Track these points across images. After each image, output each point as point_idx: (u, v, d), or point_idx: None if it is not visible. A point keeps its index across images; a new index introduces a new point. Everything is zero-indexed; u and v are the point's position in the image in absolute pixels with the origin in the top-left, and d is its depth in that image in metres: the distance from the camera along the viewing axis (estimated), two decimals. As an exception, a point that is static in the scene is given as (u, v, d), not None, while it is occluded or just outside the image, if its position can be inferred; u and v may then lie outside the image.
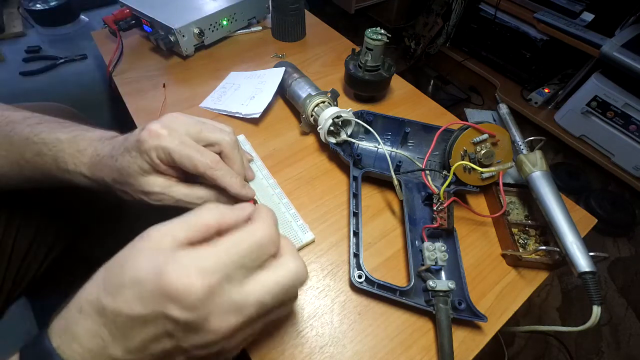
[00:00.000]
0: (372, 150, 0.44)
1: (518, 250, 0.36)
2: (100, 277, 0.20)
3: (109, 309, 0.19)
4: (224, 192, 0.34)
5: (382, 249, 0.36)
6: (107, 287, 0.19)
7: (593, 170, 1.23)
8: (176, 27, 0.53)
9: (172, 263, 0.18)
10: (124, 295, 0.19)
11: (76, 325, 0.19)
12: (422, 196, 0.39)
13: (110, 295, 0.19)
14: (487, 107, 1.47)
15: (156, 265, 0.19)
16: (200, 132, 0.31)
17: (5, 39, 0.80)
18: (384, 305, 0.32)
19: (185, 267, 0.18)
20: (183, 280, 0.18)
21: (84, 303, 0.20)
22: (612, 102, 1.09)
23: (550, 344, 0.86)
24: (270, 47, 0.63)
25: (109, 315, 0.19)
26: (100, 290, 0.19)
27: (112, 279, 0.20)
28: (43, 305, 0.47)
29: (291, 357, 0.29)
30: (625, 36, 1.05)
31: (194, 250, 0.20)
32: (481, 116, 0.48)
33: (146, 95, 0.51)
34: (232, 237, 0.21)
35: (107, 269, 0.20)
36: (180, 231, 0.21)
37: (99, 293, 0.19)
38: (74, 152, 0.31)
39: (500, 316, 0.32)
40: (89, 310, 0.19)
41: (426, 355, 0.30)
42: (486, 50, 1.46)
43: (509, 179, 0.42)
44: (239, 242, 0.20)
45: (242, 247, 0.20)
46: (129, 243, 0.21)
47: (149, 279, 0.18)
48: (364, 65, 0.48)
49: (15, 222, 0.41)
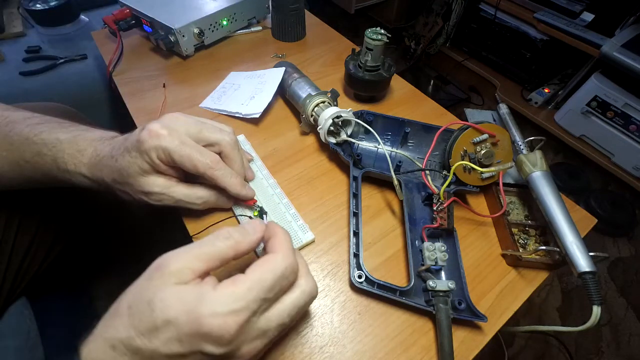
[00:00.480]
0: (372, 150, 0.44)
1: (518, 250, 0.36)
2: (126, 315, 0.20)
3: (146, 350, 0.20)
4: (224, 192, 0.34)
5: (382, 249, 0.36)
6: (138, 328, 0.20)
7: (593, 170, 1.23)
8: (176, 27, 0.53)
9: (204, 306, 0.20)
10: (159, 337, 0.20)
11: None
12: (422, 196, 0.39)
13: (143, 336, 0.20)
14: (487, 107, 1.47)
15: (188, 307, 0.20)
16: (200, 132, 0.31)
17: (5, 39, 0.80)
18: (384, 305, 0.32)
19: (219, 311, 0.20)
20: (219, 323, 0.20)
21: (116, 342, 0.20)
22: (612, 102, 1.09)
23: (550, 344, 0.86)
24: (270, 47, 0.63)
25: (146, 354, 0.20)
26: (130, 330, 0.20)
27: (143, 320, 0.20)
28: (43, 305, 0.47)
29: (291, 357, 0.29)
30: (625, 36, 1.05)
31: (222, 289, 0.21)
32: (481, 116, 0.48)
33: (146, 95, 0.51)
34: (256, 274, 0.22)
35: (131, 307, 0.21)
36: (198, 263, 0.22)
37: (131, 334, 0.20)
38: (73, 153, 0.31)
39: (500, 316, 0.32)
40: (123, 349, 0.20)
41: (426, 355, 0.30)
42: (486, 50, 1.46)
43: (509, 179, 0.42)
44: (263, 279, 0.22)
45: (267, 283, 0.22)
46: (145, 272, 0.22)
47: (183, 322, 0.19)
48: (364, 65, 0.48)
49: (16, 222, 0.41)
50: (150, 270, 0.22)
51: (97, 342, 0.20)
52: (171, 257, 0.22)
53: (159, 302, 0.20)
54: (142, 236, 0.72)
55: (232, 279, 0.22)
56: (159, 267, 0.21)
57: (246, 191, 0.34)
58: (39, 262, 0.44)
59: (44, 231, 0.45)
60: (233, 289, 0.21)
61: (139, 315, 0.20)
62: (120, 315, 0.21)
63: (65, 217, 0.48)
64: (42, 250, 0.45)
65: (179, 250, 0.22)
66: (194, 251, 0.22)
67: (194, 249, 0.22)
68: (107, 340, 0.20)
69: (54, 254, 0.47)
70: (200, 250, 0.22)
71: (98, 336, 0.21)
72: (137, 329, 0.20)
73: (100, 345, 0.20)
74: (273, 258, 0.23)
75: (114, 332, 0.20)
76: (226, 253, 0.23)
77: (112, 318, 0.21)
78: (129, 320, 0.20)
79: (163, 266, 0.21)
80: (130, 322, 0.20)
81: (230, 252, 0.23)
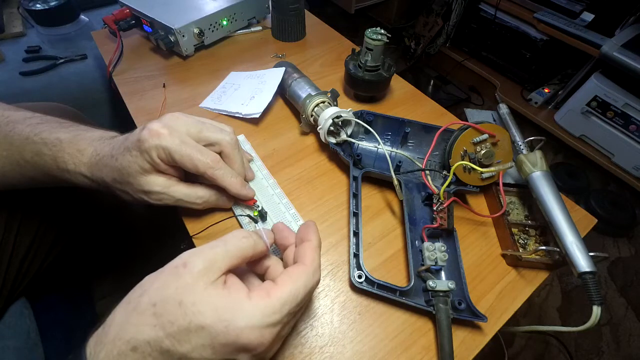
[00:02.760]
0: (372, 150, 0.44)
1: (518, 250, 0.36)
2: (151, 314, 0.20)
3: (175, 352, 0.19)
4: (224, 191, 0.34)
5: (382, 249, 0.36)
6: (168, 330, 0.19)
7: (593, 170, 1.23)
8: (176, 27, 0.53)
9: (241, 318, 0.20)
10: (191, 342, 0.19)
11: None
12: (422, 196, 0.39)
13: (174, 339, 0.19)
14: (487, 107, 1.47)
15: (224, 317, 0.20)
16: (201, 132, 0.31)
17: (5, 39, 0.80)
18: (384, 305, 0.32)
19: (257, 324, 0.20)
20: (256, 337, 0.20)
21: (140, 343, 0.19)
22: (612, 102, 1.09)
23: (550, 344, 0.86)
24: (270, 47, 0.63)
25: (175, 356, 0.19)
26: (159, 331, 0.19)
27: (174, 322, 0.19)
28: (43, 305, 0.47)
29: (291, 357, 0.29)
30: (625, 36, 1.05)
31: (258, 301, 0.21)
32: (481, 116, 0.48)
33: (146, 95, 0.51)
34: (290, 287, 0.22)
35: (156, 305, 0.20)
36: (224, 261, 0.22)
37: (159, 335, 0.19)
38: (73, 152, 0.31)
39: (500, 316, 0.32)
40: (149, 350, 0.19)
41: (426, 355, 0.30)
42: (486, 50, 1.46)
43: (509, 179, 0.42)
44: (296, 295, 0.22)
45: (299, 299, 0.22)
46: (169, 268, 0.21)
47: (219, 331, 0.19)
48: (364, 65, 0.48)
49: (16, 223, 0.41)
50: (175, 267, 0.21)
51: (113, 345, 0.19)
52: (197, 255, 0.22)
53: (192, 306, 0.20)
54: (142, 236, 0.72)
55: (266, 291, 0.22)
56: (185, 265, 0.21)
57: (246, 191, 0.34)
58: (39, 262, 0.44)
59: (45, 231, 0.45)
60: (269, 302, 0.21)
61: (168, 315, 0.19)
62: (141, 313, 0.20)
63: (66, 217, 0.48)
64: (43, 250, 0.45)
65: (203, 248, 0.22)
66: (217, 250, 0.22)
67: (217, 247, 0.22)
68: (127, 342, 0.19)
69: (54, 254, 0.47)
70: (224, 249, 0.22)
71: (113, 337, 0.19)
72: (165, 329, 0.19)
73: (118, 347, 0.19)
74: (305, 272, 0.24)
75: (135, 331, 0.19)
76: (247, 252, 0.23)
77: (129, 316, 0.20)
78: (155, 320, 0.19)
79: (190, 264, 0.21)
80: (157, 321, 0.19)
81: (250, 252, 0.24)
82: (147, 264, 0.22)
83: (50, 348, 0.43)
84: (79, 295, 0.65)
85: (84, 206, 0.51)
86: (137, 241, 0.72)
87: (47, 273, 0.46)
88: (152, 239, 0.72)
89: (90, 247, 0.61)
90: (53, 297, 0.54)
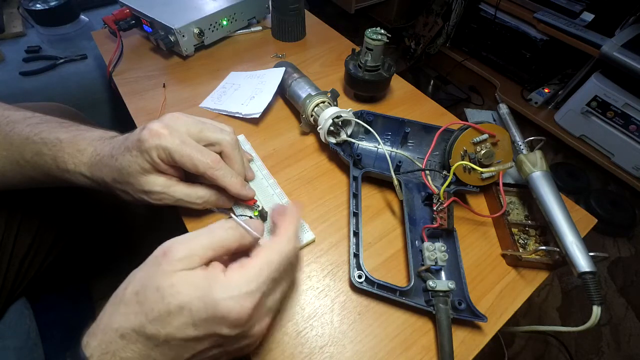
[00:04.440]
0: (372, 150, 0.44)
1: (518, 250, 0.36)
2: (134, 302, 0.20)
3: (160, 335, 0.20)
4: (224, 191, 0.34)
5: (382, 249, 0.36)
6: (150, 315, 0.20)
7: (593, 170, 1.23)
8: (176, 27, 0.53)
9: (217, 290, 0.20)
10: (173, 323, 0.20)
11: (124, 350, 0.20)
12: (422, 196, 0.39)
13: (157, 323, 0.20)
14: (487, 107, 1.47)
15: (201, 292, 0.20)
16: (201, 132, 0.31)
17: (5, 39, 0.80)
18: (384, 305, 0.32)
19: (234, 294, 0.20)
20: (234, 306, 0.20)
21: (126, 331, 0.20)
22: (612, 102, 1.09)
23: (550, 344, 0.86)
24: (270, 47, 0.63)
25: (161, 339, 0.20)
26: (141, 317, 0.20)
27: (154, 307, 0.20)
28: (43, 305, 0.47)
29: (291, 357, 0.29)
30: (625, 36, 1.05)
31: (232, 273, 0.21)
32: (481, 116, 0.48)
33: (146, 95, 0.51)
34: (263, 257, 0.23)
35: (139, 294, 0.21)
36: (205, 251, 0.22)
37: (142, 322, 0.20)
38: (73, 152, 0.31)
39: (500, 316, 0.32)
40: (135, 336, 0.20)
41: (426, 355, 0.30)
42: (486, 50, 1.46)
43: (509, 179, 0.42)
44: (270, 261, 0.22)
45: (274, 265, 0.22)
46: (150, 258, 0.22)
47: (197, 307, 0.20)
48: (364, 65, 0.48)
49: (16, 223, 0.41)
50: (156, 257, 0.22)
51: (104, 334, 0.20)
52: (178, 244, 0.22)
53: (169, 288, 0.20)
54: (142, 236, 0.72)
55: (239, 263, 0.22)
56: (165, 254, 0.21)
57: (246, 191, 0.34)
58: (39, 262, 0.44)
59: (45, 231, 0.45)
60: (244, 272, 0.21)
61: (149, 302, 0.20)
62: (126, 303, 0.21)
63: (66, 217, 0.48)
64: (43, 250, 0.45)
65: (186, 237, 0.22)
66: (201, 239, 0.22)
67: (201, 236, 0.22)
68: (115, 331, 0.20)
69: (54, 254, 0.47)
70: (208, 239, 0.23)
71: (103, 327, 0.20)
72: (147, 316, 0.20)
73: (108, 335, 0.20)
74: (277, 241, 0.24)
75: (122, 320, 0.20)
76: (232, 243, 0.23)
77: (116, 307, 0.21)
78: (138, 308, 0.20)
79: (170, 252, 0.21)
80: (140, 309, 0.20)
81: (235, 244, 0.24)
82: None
83: (50, 348, 0.43)
84: (79, 295, 0.65)
85: (84, 206, 0.51)
86: (137, 241, 0.72)
87: (47, 273, 0.46)
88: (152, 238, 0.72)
89: (90, 247, 0.61)
90: (53, 297, 0.54)
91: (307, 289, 0.33)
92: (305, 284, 0.34)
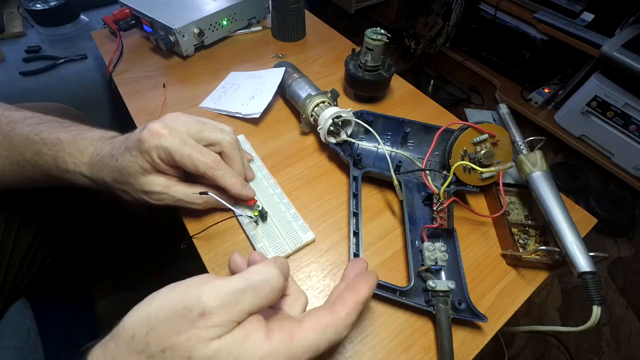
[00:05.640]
0: (372, 150, 0.44)
1: (518, 250, 0.36)
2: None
3: None
4: (224, 192, 0.34)
5: (382, 249, 0.36)
6: None
7: (593, 170, 1.23)
8: (176, 27, 0.53)
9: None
10: None
11: None
12: (422, 196, 0.39)
13: None
14: (487, 107, 1.47)
15: None
16: (201, 132, 0.31)
17: (5, 39, 0.80)
18: (384, 305, 0.32)
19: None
20: None
21: None
22: (612, 102, 1.09)
23: (550, 344, 0.86)
24: (270, 47, 0.63)
25: None
26: None
27: None
28: (43, 305, 0.47)
29: (291, 357, 0.29)
30: (625, 36, 1.05)
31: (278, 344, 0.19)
32: (481, 116, 0.48)
33: (146, 95, 0.51)
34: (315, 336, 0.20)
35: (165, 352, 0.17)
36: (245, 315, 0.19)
37: None
38: (73, 152, 0.31)
39: (500, 316, 0.32)
40: None
41: (426, 355, 0.30)
42: (486, 50, 1.46)
43: (509, 179, 0.42)
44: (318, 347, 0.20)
45: (320, 351, 0.20)
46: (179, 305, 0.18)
47: None
48: (364, 65, 0.48)
49: (16, 223, 0.41)
50: (189, 311, 0.18)
51: None
52: (214, 305, 0.18)
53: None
54: (142, 236, 0.72)
55: (289, 331, 0.20)
56: (203, 315, 0.18)
57: (246, 191, 0.34)
58: (39, 262, 0.44)
59: (45, 231, 0.45)
60: (290, 346, 0.19)
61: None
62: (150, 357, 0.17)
63: (66, 217, 0.48)
64: (43, 250, 0.45)
65: (228, 293, 0.19)
66: (244, 302, 0.19)
67: (246, 295, 0.19)
68: None
69: (54, 254, 0.47)
70: (250, 303, 0.19)
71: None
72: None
73: None
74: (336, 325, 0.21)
75: None
76: (275, 297, 0.21)
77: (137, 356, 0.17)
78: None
79: (209, 316, 0.18)
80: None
81: (278, 295, 0.21)
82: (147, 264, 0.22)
83: (50, 348, 0.43)
84: (79, 295, 0.65)
85: (84, 206, 0.51)
86: (137, 241, 0.72)
87: (47, 273, 0.46)
88: (152, 239, 0.72)
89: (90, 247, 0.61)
90: (53, 297, 0.54)
91: (307, 289, 0.33)
92: (305, 284, 0.33)
